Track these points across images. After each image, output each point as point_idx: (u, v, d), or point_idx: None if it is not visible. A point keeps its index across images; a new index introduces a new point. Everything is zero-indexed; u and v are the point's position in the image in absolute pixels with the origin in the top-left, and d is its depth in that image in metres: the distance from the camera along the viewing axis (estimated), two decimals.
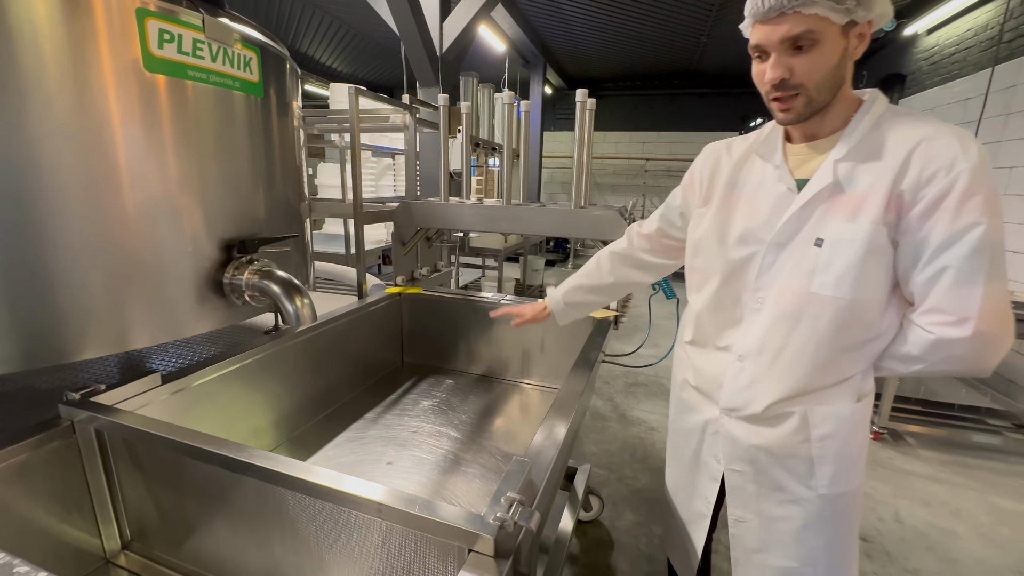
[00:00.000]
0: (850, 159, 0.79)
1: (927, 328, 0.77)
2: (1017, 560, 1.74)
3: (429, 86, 3.04)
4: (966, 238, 0.71)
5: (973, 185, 0.70)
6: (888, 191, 0.74)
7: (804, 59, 0.75)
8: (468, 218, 1.76)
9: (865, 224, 0.76)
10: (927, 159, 0.73)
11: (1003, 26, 3.35)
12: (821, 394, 0.86)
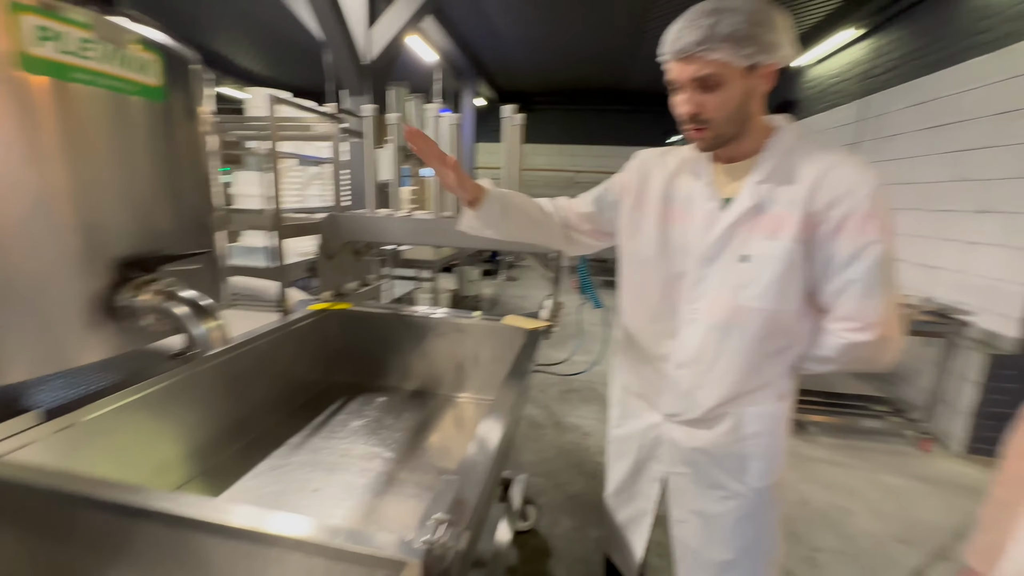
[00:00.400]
0: (768, 182, 0.87)
1: (839, 334, 0.87)
2: (899, 529, 1.98)
3: (357, 94, 2.96)
4: (866, 254, 0.81)
5: (873, 208, 0.80)
6: (803, 212, 0.83)
7: (711, 97, 0.82)
8: (398, 231, 1.73)
9: (785, 242, 0.85)
10: (834, 184, 0.82)
11: (872, 62, 3.85)
12: (751, 396, 0.95)
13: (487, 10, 4.32)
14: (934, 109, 3.16)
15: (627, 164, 1.10)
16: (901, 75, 3.52)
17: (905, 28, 3.53)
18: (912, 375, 3.07)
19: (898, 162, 3.48)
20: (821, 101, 4.67)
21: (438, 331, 1.73)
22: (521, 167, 1.71)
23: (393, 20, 2.94)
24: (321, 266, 1.80)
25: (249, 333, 1.36)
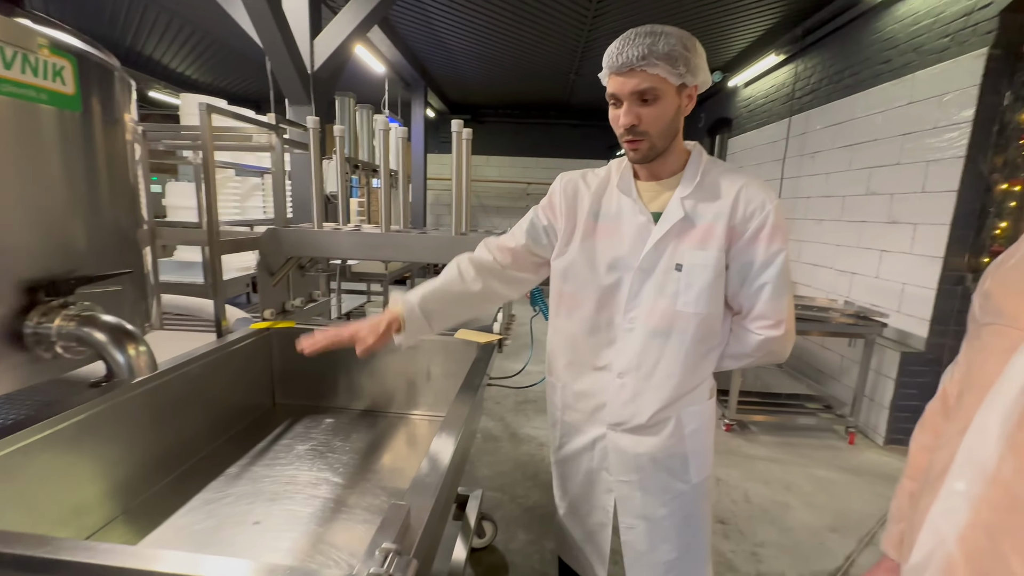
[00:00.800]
0: (692, 197, 0.95)
1: (756, 331, 0.97)
2: (831, 519, 2.11)
3: (300, 104, 2.87)
4: (776, 261, 0.93)
5: (777, 221, 0.92)
6: (726, 225, 0.92)
7: (649, 110, 0.89)
8: (345, 246, 1.68)
9: (713, 252, 0.93)
10: (748, 200, 0.93)
11: (794, 86, 4.18)
12: (688, 397, 1.01)
13: (434, 23, 4.33)
14: (849, 129, 3.47)
15: (551, 188, 1.12)
16: (819, 98, 3.85)
17: (820, 56, 3.87)
18: (839, 373, 3.32)
19: (820, 177, 3.78)
20: (753, 119, 5.01)
21: (388, 347, 1.68)
22: (471, 179, 1.71)
23: (338, 30, 2.88)
24: (262, 283, 1.72)
25: (181, 357, 1.27)
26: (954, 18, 2.66)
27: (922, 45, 2.87)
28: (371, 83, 5.92)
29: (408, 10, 4.09)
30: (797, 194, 4.09)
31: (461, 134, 1.57)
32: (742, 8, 3.75)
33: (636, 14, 3.92)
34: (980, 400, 0.47)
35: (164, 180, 5.94)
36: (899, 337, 2.92)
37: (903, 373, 2.77)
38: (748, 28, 4.16)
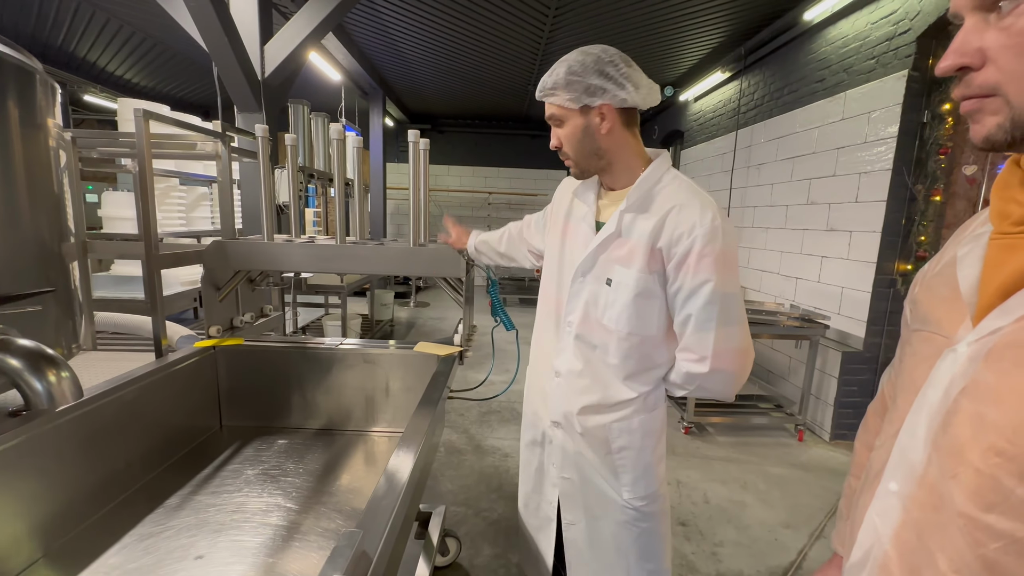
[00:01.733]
0: (631, 211, 0.95)
1: (681, 363, 0.96)
2: (785, 515, 2.20)
3: (250, 111, 2.76)
4: (700, 291, 0.89)
5: (705, 248, 0.87)
6: (648, 246, 0.91)
7: (561, 132, 0.97)
8: (297, 258, 1.62)
9: (634, 272, 0.93)
10: (675, 223, 0.90)
11: (740, 101, 4.41)
12: (618, 411, 1.01)
13: (391, 32, 4.30)
14: (790, 143, 3.68)
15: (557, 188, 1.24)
16: (763, 113, 4.07)
17: (762, 73, 4.10)
18: (788, 373, 3.48)
19: (766, 187, 3.99)
20: (703, 132, 5.23)
21: (345, 363, 1.63)
22: (430, 189, 1.69)
23: (290, 36, 2.80)
24: (207, 298, 1.62)
25: (114, 380, 1.18)
26: (878, 42, 2.89)
27: (851, 66, 3.09)
28: (327, 91, 5.79)
29: (364, 19, 4.04)
30: (745, 203, 4.29)
31: (418, 144, 1.55)
32: (689, 27, 3.93)
33: (590, 30, 4.03)
34: (911, 403, 0.49)
35: (101, 189, 5.56)
36: (840, 338, 3.10)
37: (844, 372, 2.94)
38: (696, 46, 4.36)
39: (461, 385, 3.23)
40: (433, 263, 1.58)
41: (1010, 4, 0.39)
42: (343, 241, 1.64)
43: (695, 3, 3.50)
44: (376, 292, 4.62)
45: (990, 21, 0.41)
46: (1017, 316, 0.41)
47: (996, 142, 0.43)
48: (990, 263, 0.46)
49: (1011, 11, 0.40)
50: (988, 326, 0.43)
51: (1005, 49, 0.40)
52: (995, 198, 0.48)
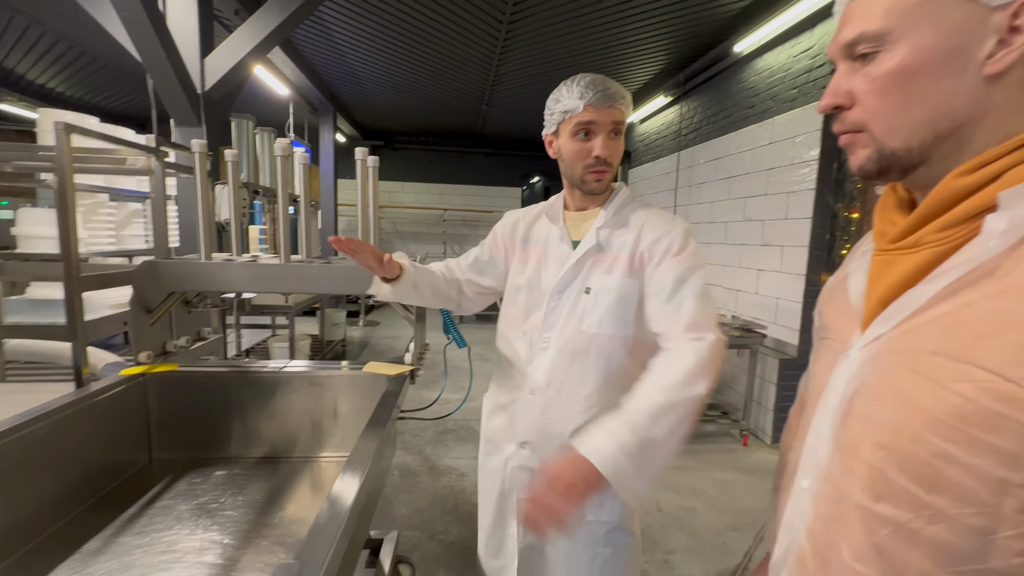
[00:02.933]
0: (607, 227, 1.04)
1: (695, 340, 0.90)
2: (732, 520, 2.29)
3: (188, 125, 2.65)
4: (691, 276, 0.96)
5: (685, 242, 0.99)
6: (631, 253, 1.00)
7: (617, 144, 1.02)
8: (238, 278, 1.55)
9: (617, 276, 1.00)
10: (654, 228, 1.01)
11: (681, 124, 4.67)
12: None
13: (342, 49, 4.26)
14: (726, 164, 3.92)
15: (495, 227, 1.27)
16: (702, 135, 4.32)
17: (700, 99, 4.37)
18: (732, 381, 3.65)
19: (706, 205, 4.22)
20: (649, 153, 5.49)
21: (290, 387, 1.57)
22: (379, 206, 1.68)
23: (232, 49, 2.72)
24: (136, 322, 1.52)
25: (25, 414, 1.08)
26: (799, 73, 3.16)
27: (777, 95, 3.35)
28: (276, 105, 5.64)
29: (313, 35, 3.98)
30: (688, 220, 4.50)
31: (366, 162, 1.54)
32: (632, 54, 4.15)
33: (539, 54, 4.16)
34: (815, 407, 0.54)
35: (18, 205, 5.10)
36: (777, 346, 3.30)
37: (782, 378, 3.12)
38: (639, 71, 4.60)
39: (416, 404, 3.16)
40: None
41: (870, 54, 0.45)
42: (288, 260, 1.59)
43: (636, 32, 3.70)
44: (327, 311, 4.48)
45: (856, 68, 0.47)
46: (895, 323, 0.46)
47: (868, 172, 0.49)
48: (873, 277, 0.51)
49: (872, 60, 0.46)
50: (872, 333, 0.48)
51: (868, 92, 0.46)
52: (876, 219, 0.55)
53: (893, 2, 0.43)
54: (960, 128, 0.44)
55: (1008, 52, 0.41)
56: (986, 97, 0.42)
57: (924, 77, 0.43)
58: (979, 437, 0.37)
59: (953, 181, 0.43)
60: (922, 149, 0.45)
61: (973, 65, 0.42)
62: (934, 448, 0.40)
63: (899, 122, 0.45)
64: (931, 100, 0.43)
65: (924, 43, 0.42)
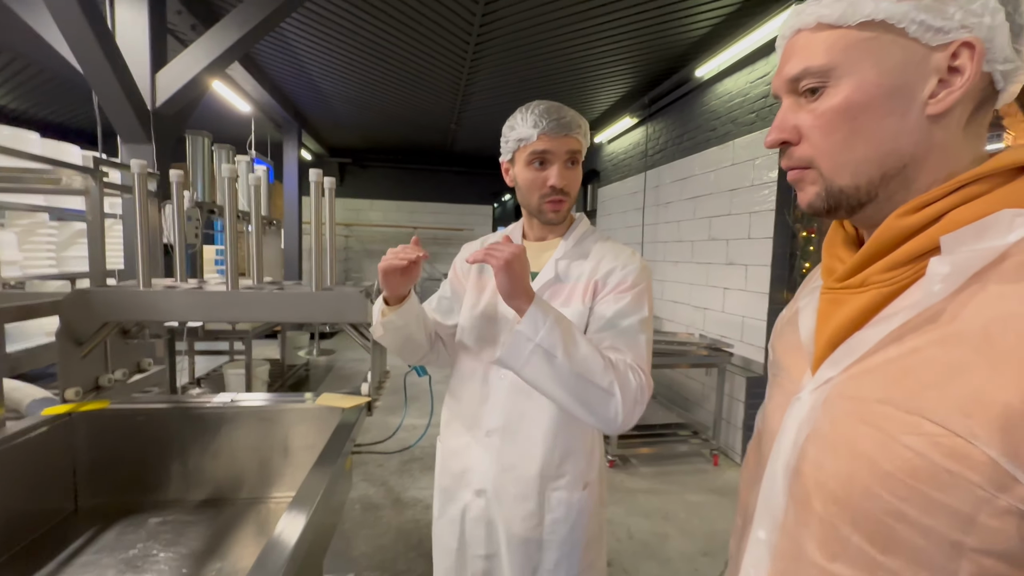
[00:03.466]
0: (566, 259, 1.01)
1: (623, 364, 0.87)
2: (704, 544, 2.25)
3: (137, 142, 2.52)
4: (633, 315, 0.93)
5: (638, 279, 0.96)
6: (587, 282, 0.97)
7: (573, 173, 0.98)
8: (179, 307, 1.45)
9: (574, 307, 0.96)
10: (611, 260, 0.98)
11: (647, 145, 4.78)
12: (556, 480, 0.97)
13: (306, 66, 4.19)
14: (691, 184, 4.01)
15: (455, 259, 1.21)
16: (667, 156, 4.42)
17: (665, 121, 4.48)
18: (702, 400, 3.67)
19: (673, 224, 4.30)
20: (617, 172, 5.58)
21: (236, 423, 1.46)
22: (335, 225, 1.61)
23: (187, 64, 2.62)
24: (64, 356, 1.39)
25: None
26: (757, 98, 3.27)
27: (737, 118, 3.46)
28: (238, 122, 5.49)
29: (276, 51, 3.91)
30: (656, 239, 4.59)
31: (321, 183, 1.48)
32: (598, 76, 4.23)
33: (508, 74, 4.20)
34: (771, 448, 0.51)
35: None
36: (744, 364, 3.34)
37: (750, 396, 3.15)
38: (606, 93, 4.70)
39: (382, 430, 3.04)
40: (337, 308, 1.49)
41: (815, 89, 0.45)
42: (235, 286, 1.50)
43: (602, 54, 3.78)
44: (289, 335, 4.31)
45: (801, 103, 0.47)
46: (844, 366, 0.45)
47: (817, 209, 0.48)
48: (821, 316, 0.50)
49: (817, 96, 0.45)
50: (822, 375, 0.47)
51: (815, 128, 0.45)
52: (824, 255, 0.53)
53: (836, 38, 0.43)
54: (905, 167, 0.44)
55: (949, 93, 0.41)
56: (929, 137, 0.43)
57: (869, 115, 0.43)
58: (931, 496, 0.36)
59: (896, 221, 0.43)
60: (869, 187, 0.45)
61: (916, 104, 0.42)
62: (886, 505, 0.38)
63: (846, 159, 0.45)
64: (877, 138, 0.43)
65: (868, 80, 0.43)
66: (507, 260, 0.79)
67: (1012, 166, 0.40)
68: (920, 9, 0.40)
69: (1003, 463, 0.34)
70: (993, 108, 0.46)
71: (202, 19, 3.09)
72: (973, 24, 0.40)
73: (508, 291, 0.82)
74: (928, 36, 0.41)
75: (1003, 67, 0.41)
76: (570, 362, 0.79)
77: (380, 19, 3.28)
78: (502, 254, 0.80)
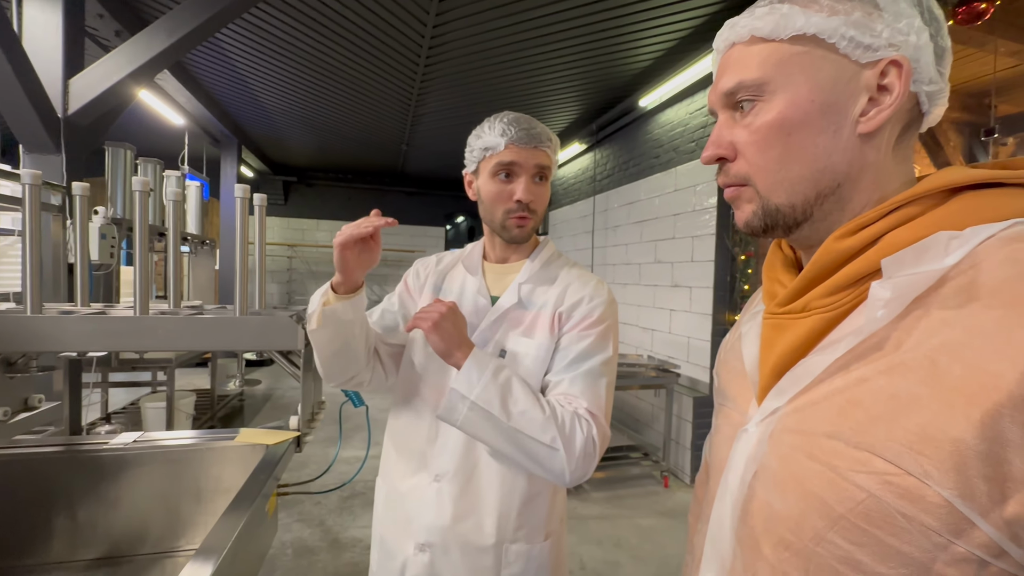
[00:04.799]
0: (529, 283, 0.93)
1: (583, 419, 0.82)
2: (655, 570, 2.22)
3: (42, 152, 2.28)
4: (596, 355, 0.87)
5: (604, 314, 0.90)
6: (552, 312, 0.90)
7: (541, 189, 0.92)
8: (76, 335, 1.27)
9: (537, 340, 0.89)
10: (577, 291, 0.92)
11: (595, 170, 4.91)
12: (515, 532, 0.87)
13: (246, 79, 4.01)
14: (638, 208, 4.13)
15: (407, 273, 1.11)
16: (615, 181, 4.55)
17: (612, 147, 4.63)
18: (651, 421, 3.70)
19: (621, 247, 4.39)
20: (568, 196, 5.69)
21: (137, 466, 1.28)
22: (266, 246, 1.49)
23: (107, 71, 2.42)
24: None
25: None
26: (697, 128, 3.44)
27: (679, 146, 3.62)
28: (170, 136, 5.17)
29: (212, 62, 3.72)
30: (606, 262, 4.67)
31: (247, 200, 1.36)
32: (548, 101, 4.33)
33: (458, 96, 4.21)
34: (718, 483, 0.48)
35: None
36: (691, 384, 3.41)
37: (697, 415, 3.20)
38: (556, 118, 4.80)
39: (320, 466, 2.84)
40: (262, 335, 1.35)
41: (749, 104, 0.44)
42: (145, 311, 1.34)
43: (550, 81, 3.87)
44: (220, 362, 3.99)
45: (736, 119, 0.46)
46: (789, 396, 0.42)
47: (754, 228, 0.47)
48: (764, 343, 0.47)
49: (750, 111, 0.44)
50: (768, 406, 0.44)
51: (749, 144, 0.44)
52: (764, 278, 0.52)
53: (769, 52, 0.43)
54: (840, 186, 0.43)
55: (879, 111, 0.41)
56: (862, 156, 0.42)
57: (803, 132, 0.42)
58: (884, 541, 0.34)
59: (835, 243, 0.42)
60: (805, 206, 0.44)
61: (848, 122, 0.42)
62: (839, 552, 0.36)
63: (782, 177, 0.44)
64: (810, 155, 0.43)
65: (800, 96, 0.42)
66: (435, 322, 0.79)
67: (943, 188, 0.40)
68: (849, 25, 0.40)
69: (958, 505, 0.31)
70: (918, 131, 0.46)
71: (128, 25, 2.89)
72: (900, 43, 0.40)
73: (442, 352, 0.82)
74: (858, 53, 0.41)
75: (928, 88, 0.42)
76: (508, 418, 0.77)
77: (326, 36, 3.20)
78: (430, 316, 0.80)
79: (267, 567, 2.04)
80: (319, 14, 2.93)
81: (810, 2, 0.42)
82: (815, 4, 0.41)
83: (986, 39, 2.53)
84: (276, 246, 7.57)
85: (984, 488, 0.31)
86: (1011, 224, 0.36)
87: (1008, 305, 0.32)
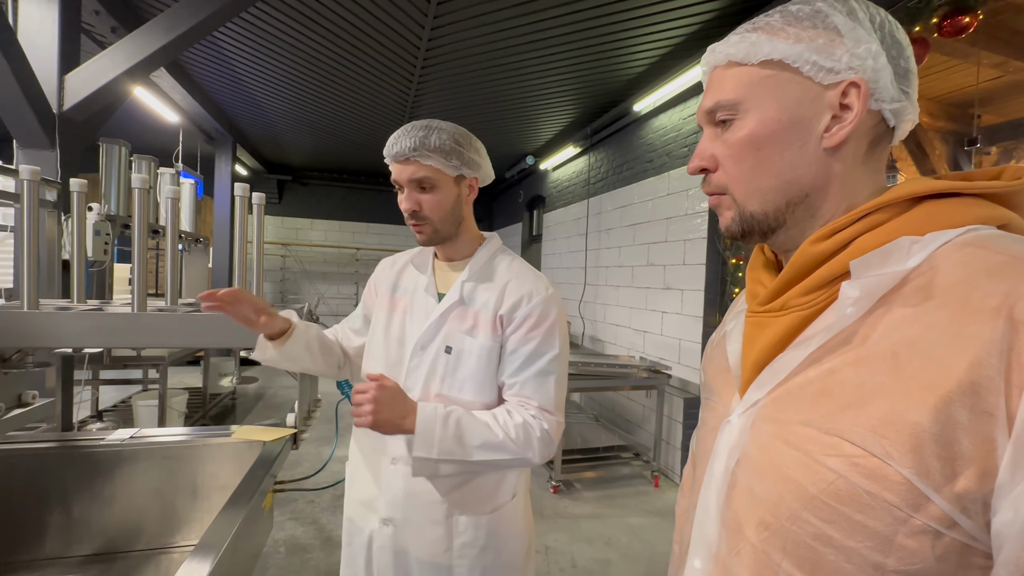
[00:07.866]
0: (472, 281, 0.97)
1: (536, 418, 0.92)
2: (646, 568, 2.25)
3: (37, 148, 2.28)
4: (544, 354, 0.93)
5: (545, 312, 0.94)
6: (493, 313, 0.94)
7: (428, 197, 0.94)
8: (73, 332, 1.28)
9: (480, 339, 0.93)
10: (516, 291, 0.95)
11: (589, 173, 4.95)
12: (462, 507, 0.93)
13: (243, 79, 4.01)
14: (631, 212, 4.17)
15: (371, 276, 1.18)
16: (608, 184, 4.59)
17: (606, 151, 4.67)
18: (643, 421, 3.74)
19: (614, 250, 4.43)
20: (561, 199, 5.72)
21: (134, 462, 1.29)
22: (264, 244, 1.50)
23: (102, 68, 2.41)
24: None
25: None
26: (689, 134, 3.48)
27: (672, 151, 3.67)
28: (164, 133, 5.14)
29: (209, 61, 3.71)
30: (599, 264, 4.71)
31: (246, 199, 1.38)
32: (542, 105, 4.36)
33: (455, 100, 4.23)
34: (704, 473, 0.51)
35: None
36: (681, 385, 3.45)
37: (688, 417, 3.24)
38: (551, 123, 4.84)
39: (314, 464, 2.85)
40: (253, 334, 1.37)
41: (728, 121, 0.49)
42: (143, 308, 1.35)
43: (545, 86, 3.90)
44: (213, 360, 3.97)
45: (718, 134, 0.50)
46: (768, 389, 0.46)
47: (734, 233, 0.51)
48: (747, 339, 0.51)
49: (728, 127, 0.49)
50: (749, 398, 0.48)
51: (727, 157, 0.49)
52: (747, 279, 0.55)
53: (743, 75, 0.47)
54: (808, 196, 0.47)
55: (841, 127, 0.44)
56: (828, 168, 0.46)
57: (771, 147, 0.46)
58: (852, 518, 0.37)
59: (810, 247, 0.46)
60: (776, 214, 0.48)
61: (813, 138, 0.45)
62: (813, 529, 0.39)
63: (755, 187, 0.48)
64: (777, 168, 0.47)
65: (769, 115, 0.46)
66: (373, 417, 0.82)
67: (908, 197, 0.44)
68: (812, 51, 0.44)
69: (916, 482, 0.35)
70: (890, 144, 0.50)
71: (124, 22, 2.88)
72: (858, 66, 0.44)
73: (393, 431, 0.85)
74: (821, 75, 0.44)
75: (891, 106, 0.45)
76: (470, 455, 0.86)
77: (323, 35, 3.21)
78: (365, 413, 0.82)
79: (260, 565, 2.05)
80: (316, 14, 2.95)
81: (778, 31, 0.46)
82: (782, 32, 0.46)
83: (969, 51, 2.60)
84: (270, 245, 7.54)
85: (938, 466, 0.34)
86: (965, 231, 0.40)
87: (958, 304, 0.36)
